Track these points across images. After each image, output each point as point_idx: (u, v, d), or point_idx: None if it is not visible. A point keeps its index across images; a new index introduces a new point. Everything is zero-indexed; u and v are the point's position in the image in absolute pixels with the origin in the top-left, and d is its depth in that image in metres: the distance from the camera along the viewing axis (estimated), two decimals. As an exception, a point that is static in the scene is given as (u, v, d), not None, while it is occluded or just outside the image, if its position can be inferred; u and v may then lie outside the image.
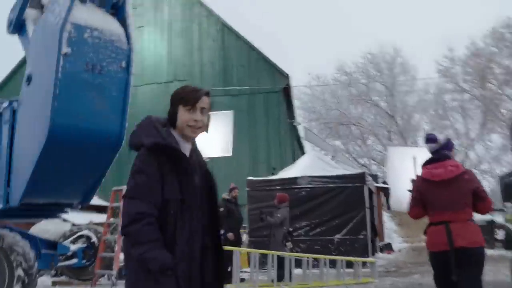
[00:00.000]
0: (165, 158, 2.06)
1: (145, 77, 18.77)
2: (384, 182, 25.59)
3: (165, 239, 1.99)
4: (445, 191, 3.62)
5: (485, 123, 30.99)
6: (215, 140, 13.08)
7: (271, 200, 10.88)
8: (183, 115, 2.13)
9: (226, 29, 18.39)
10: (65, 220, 12.19)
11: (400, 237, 16.21)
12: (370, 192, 13.33)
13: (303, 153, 20.91)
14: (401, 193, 19.66)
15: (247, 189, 11.81)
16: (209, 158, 13.37)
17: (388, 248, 14.02)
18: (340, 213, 10.79)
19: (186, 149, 2.17)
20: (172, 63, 18.73)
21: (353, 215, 10.69)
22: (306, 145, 21.16)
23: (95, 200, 18.17)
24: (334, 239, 10.71)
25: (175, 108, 2.15)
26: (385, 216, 19.41)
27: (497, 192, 41.74)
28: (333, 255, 10.46)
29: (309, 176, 11.27)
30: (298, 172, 11.79)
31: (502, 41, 30.41)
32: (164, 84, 18.42)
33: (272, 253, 8.03)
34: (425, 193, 3.75)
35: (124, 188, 8.52)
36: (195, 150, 2.25)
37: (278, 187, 11.23)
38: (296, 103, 35.41)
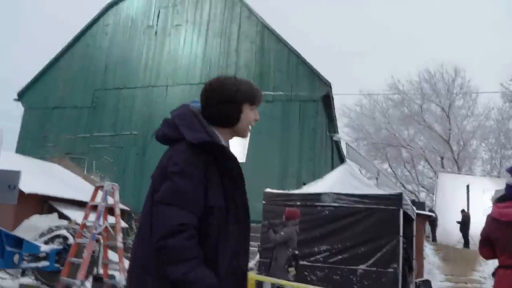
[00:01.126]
0: (211, 159, 1.81)
1: (177, 77, 17.96)
2: (431, 211, 23.45)
3: (205, 256, 1.73)
4: None
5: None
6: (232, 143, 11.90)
7: None
8: (249, 114, 1.96)
9: (266, 31, 17.23)
10: (63, 217, 11.31)
11: (442, 274, 14.17)
12: (409, 218, 11.56)
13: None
14: (450, 224, 17.55)
15: (263, 202, 10.40)
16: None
17: (426, 286, 12.13)
18: (368, 239, 9.15)
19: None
20: (206, 64, 17.74)
21: (383, 244, 9.02)
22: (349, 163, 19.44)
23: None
24: (357, 270, 9.07)
25: (238, 105, 1.93)
26: (428, 249, 17.36)
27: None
28: (354, 288, 8.91)
29: (335, 193, 9.73)
30: (324, 188, 10.27)
31: None
32: (197, 85, 17.43)
33: (268, 281, 6.53)
34: (493, 233, 3.58)
35: (107, 184, 7.49)
36: None
37: (299, 203, 9.79)
38: (343, 120, 33.96)
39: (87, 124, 19.21)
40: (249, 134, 2.00)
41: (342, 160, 23.25)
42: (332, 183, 10.64)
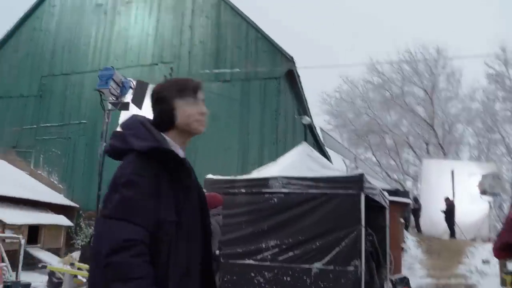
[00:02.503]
0: (161, 168, 1.70)
1: (127, 59, 16.21)
2: (416, 199, 21.93)
3: (155, 274, 1.60)
4: None
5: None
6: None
7: (234, 206, 7.97)
8: (186, 109, 1.83)
9: (223, 4, 15.47)
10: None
11: (424, 269, 12.60)
12: (380, 206, 9.94)
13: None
14: (435, 213, 15.60)
15: (204, 191, 8.69)
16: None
17: (403, 284, 10.51)
18: (324, 231, 7.52)
19: (181, 156, 1.80)
20: (158, 43, 15.99)
21: (342, 236, 7.39)
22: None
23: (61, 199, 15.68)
24: (311, 269, 7.43)
25: (170, 104, 1.83)
26: (410, 241, 15.80)
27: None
28: (308, 293, 7.29)
29: (285, 177, 8.06)
30: (274, 172, 8.60)
31: None
32: (148, 66, 15.76)
33: None
34: None
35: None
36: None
37: (243, 190, 8.21)
38: (324, 107, 32.28)
39: (34, 115, 17.48)
40: (202, 129, 1.84)
41: (320, 148, 21.65)
42: (285, 166, 8.98)
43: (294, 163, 9.06)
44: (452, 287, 10.43)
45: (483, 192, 18.17)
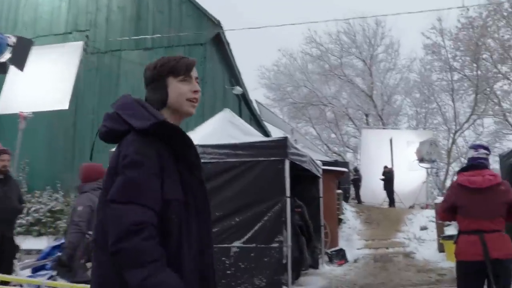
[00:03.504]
0: (164, 146, 1.60)
1: (38, 28, 14.49)
2: (356, 170, 21.64)
3: (167, 257, 1.50)
4: (481, 200, 3.74)
5: (477, 105, 26.99)
6: (50, 87, 8.99)
7: None
8: (178, 87, 1.75)
9: (141, -37, 14.05)
10: None
11: (362, 240, 12.09)
12: (312, 176, 9.21)
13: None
14: (375, 183, 14.80)
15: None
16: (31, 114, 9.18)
17: (339, 257, 9.90)
18: (244, 205, 6.70)
19: None
20: (72, 10, 14.40)
21: (265, 210, 6.56)
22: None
23: None
24: (231, 249, 6.58)
25: (163, 82, 1.76)
26: (349, 212, 15.33)
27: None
28: (228, 274, 6.44)
29: (200, 146, 7.09)
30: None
31: (499, 10, 26.39)
32: (62, 36, 14.13)
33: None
34: (460, 199, 3.86)
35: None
36: None
37: None
38: (263, 81, 31.42)
39: None
40: (193, 110, 1.76)
41: (257, 122, 20.79)
42: (204, 135, 8.01)
43: (214, 131, 8.14)
44: (389, 256, 9.94)
45: (421, 159, 17.98)
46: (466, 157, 4.38)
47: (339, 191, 15.17)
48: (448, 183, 30.07)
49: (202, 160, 5.80)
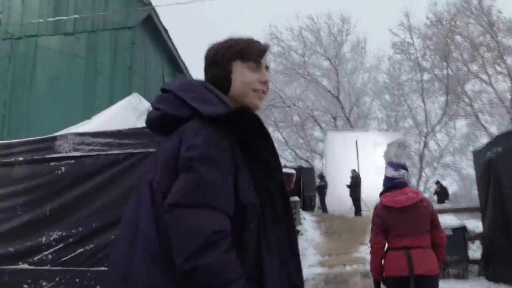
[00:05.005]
0: (235, 139, 1.33)
1: None
2: (321, 176, 20.02)
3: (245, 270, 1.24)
4: (406, 218, 3.89)
5: (448, 106, 25.80)
6: None
7: (8, 183, 5.41)
8: (244, 75, 1.47)
9: None
10: None
11: (317, 255, 10.36)
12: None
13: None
14: (342, 190, 12.76)
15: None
16: None
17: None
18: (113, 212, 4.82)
19: None
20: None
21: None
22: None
23: None
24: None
25: (227, 67, 1.48)
26: (308, 222, 13.66)
27: (459, 192, 36.82)
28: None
29: (77, 134, 5.40)
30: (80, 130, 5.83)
31: (467, 6, 25.37)
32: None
33: None
34: (387, 219, 3.97)
35: None
36: None
37: (21, 158, 5.64)
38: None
39: None
40: (260, 103, 1.50)
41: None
42: (98, 124, 6.26)
43: (112, 119, 6.36)
44: (345, 276, 8.23)
45: (389, 162, 16.46)
46: (385, 174, 4.31)
47: (296, 198, 13.52)
48: (421, 188, 28.84)
49: (78, 154, 3.31)
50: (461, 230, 7.81)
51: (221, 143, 1.28)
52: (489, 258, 7.70)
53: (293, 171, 10.56)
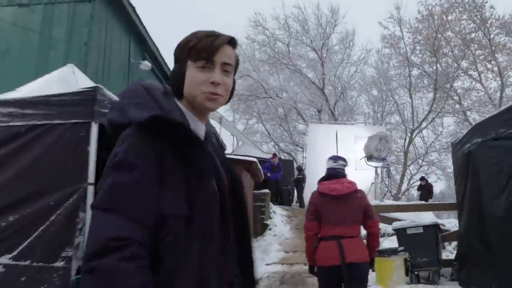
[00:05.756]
0: (166, 144, 1.31)
1: None
2: (300, 168, 19.32)
3: (156, 285, 1.20)
4: (340, 206, 4.07)
5: (435, 102, 25.15)
6: None
7: None
8: (194, 75, 1.40)
9: None
10: None
11: (281, 252, 9.63)
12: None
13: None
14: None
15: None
16: None
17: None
18: (23, 197, 4.12)
19: (199, 130, 1.44)
20: None
21: (53, 205, 4.04)
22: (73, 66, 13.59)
23: None
24: None
25: (182, 65, 1.42)
26: (278, 216, 12.94)
27: (446, 192, 36.28)
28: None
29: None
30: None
31: (461, 2, 24.66)
32: None
33: None
34: (321, 207, 4.16)
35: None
36: (210, 136, 1.53)
37: None
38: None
39: None
40: (211, 105, 1.40)
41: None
42: (23, 94, 5.43)
43: (36, 91, 5.53)
44: (303, 276, 7.51)
45: (369, 156, 15.74)
46: (326, 167, 4.53)
47: (266, 190, 12.81)
48: (404, 186, 28.27)
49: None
50: (433, 228, 7.00)
51: (143, 151, 1.25)
52: (463, 261, 6.99)
53: (254, 159, 9.77)
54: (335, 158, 4.51)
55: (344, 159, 4.52)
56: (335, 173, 4.29)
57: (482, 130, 6.38)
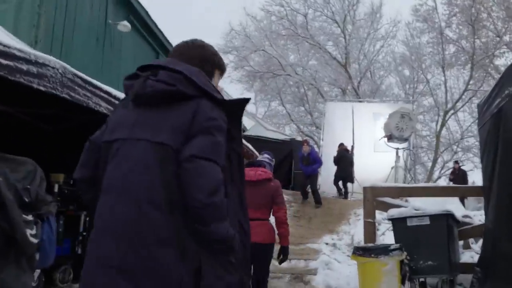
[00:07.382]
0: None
1: None
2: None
3: None
4: (252, 191, 4.07)
5: (472, 79, 22.70)
6: None
7: None
8: (217, 81, 2.04)
9: None
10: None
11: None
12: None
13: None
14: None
15: None
16: None
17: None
18: None
19: None
20: None
21: None
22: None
23: None
24: None
25: (213, 70, 2.01)
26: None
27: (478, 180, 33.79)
28: None
29: None
30: None
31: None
32: None
33: None
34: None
35: None
36: None
37: None
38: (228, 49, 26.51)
39: None
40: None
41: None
42: None
43: None
44: (278, 275, 5.81)
45: (389, 137, 13.79)
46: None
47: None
48: (436, 174, 25.99)
49: None
50: (444, 219, 5.00)
51: (225, 120, 1.75)
52: (488, 267, 5.06)
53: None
54: (263, 153, 5.19)
55: (270, 155, 5.12)
56: (254, 162, 4.87)
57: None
